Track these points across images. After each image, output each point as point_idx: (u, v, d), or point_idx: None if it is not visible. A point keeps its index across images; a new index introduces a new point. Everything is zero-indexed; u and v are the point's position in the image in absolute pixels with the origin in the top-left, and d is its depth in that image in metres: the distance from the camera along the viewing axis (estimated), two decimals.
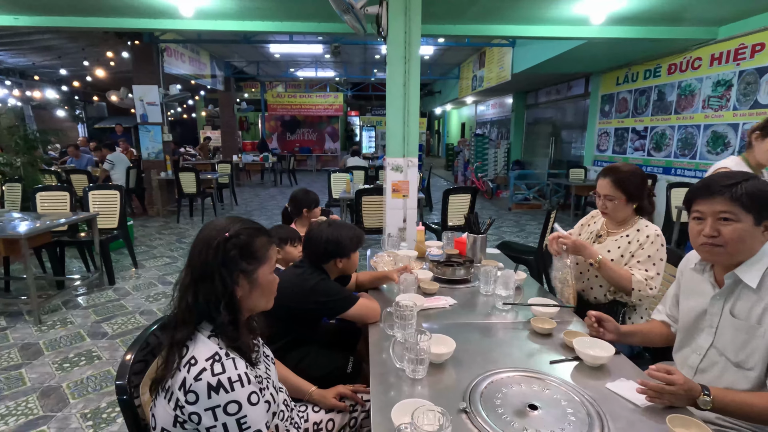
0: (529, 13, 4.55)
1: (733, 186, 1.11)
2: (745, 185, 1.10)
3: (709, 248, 1.16)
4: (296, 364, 1.51)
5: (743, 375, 1.15)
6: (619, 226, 1.84)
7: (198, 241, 0.96)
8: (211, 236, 0.95)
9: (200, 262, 0.93)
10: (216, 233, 0.95)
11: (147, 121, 7.22)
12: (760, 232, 1.12)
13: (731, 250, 1.13)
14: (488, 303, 1.79)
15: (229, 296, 0.93)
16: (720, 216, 1.12)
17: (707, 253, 1.20)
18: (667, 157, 6.04)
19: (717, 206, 1.13)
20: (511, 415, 1.05)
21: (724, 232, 1.12)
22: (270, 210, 8.04)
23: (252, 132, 17.61)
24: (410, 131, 3.30)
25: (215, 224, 0.99)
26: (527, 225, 6.85)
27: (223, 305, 0.91)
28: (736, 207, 1.10)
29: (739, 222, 1.11)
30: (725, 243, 1.13)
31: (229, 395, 0.85)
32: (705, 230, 1.15)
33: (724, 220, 1.12)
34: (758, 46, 4.56)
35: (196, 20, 4.82)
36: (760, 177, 1.15)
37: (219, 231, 0.95)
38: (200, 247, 0.95)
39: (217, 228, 0.97)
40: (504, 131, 12.46)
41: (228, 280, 0.92)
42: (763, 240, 1.13)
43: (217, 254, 0.93)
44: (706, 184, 1.17)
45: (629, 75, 6.79)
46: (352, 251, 1.64)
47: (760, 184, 1.11)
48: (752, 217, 1.10)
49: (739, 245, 1.12)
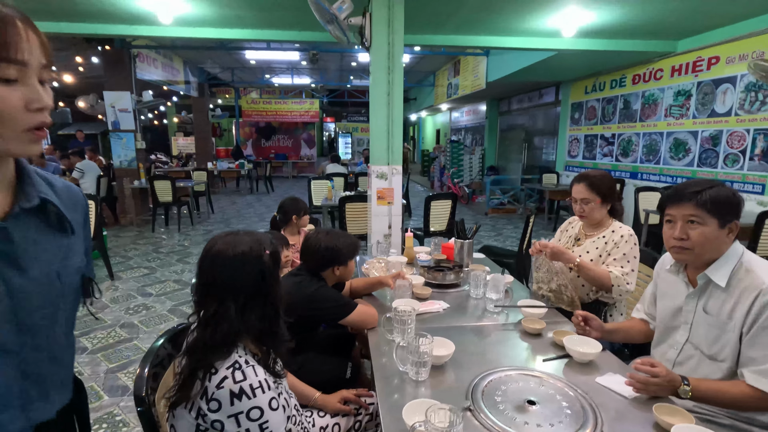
0: (505, 25, 4.73)
1: (699, 192, 1.22)
2: (710, 192, 1.21)
3: (679, 250, 1.28)
4: (297, 371, 1.54)
5: (717, 366, 1.26)
6: (595, 229, 1.97)
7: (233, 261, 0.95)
8: (252, 256, 0.96)
9: (251, 282, 0.95)
10: (255, 252, 0.96)
11: (119, 128, 7.02)
12: (724, 234, 1.24)
13: (698, 251, 1.25)
14: (479, 306, 1.86)
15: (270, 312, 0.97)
16: (688, 219, 1.24)
17: (677, 254, 1.31)
18: (633, 162, 6.36)
19: (685, 211, 1.24)
20: (512, 410, 1.12)
21: (692, 235, 1.24)
22: (248, 218, 7.94)
23: (225, 138, 17.31)
24: (394, 140, 3.37)
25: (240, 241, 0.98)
26: (504, 229, 7.04)
27: (279, 316, 0.95)
28: (701, 211, 1.22)
29: (705, 225, 1.22)
30: (693, 246, 1.24)
31: (251, 401, 0.88)
32: (675, 233, 1.27)
33: (691, 223, 1.24)
34: (714, 59, 4.90)
35: (175, 27, 4.76)
36: (725, 184, 1.27)
37: (255, 249, 0.97)
38: (244, 268, 0.95)
39: (249, 245, 0.97)
40: (478, 137, 12.75)
41: (279, 293, 0.96)
42: (727, 242, 1.25)
43: (267, 271, 0.96)
44: (676, 190, 1.29)
45: (597, 84, 7.12)
46: (350, 259, 1.68)
47: (723, 190, 1.23)
48: (716, 221, 1.21)
49: (706, 246, 1.24)
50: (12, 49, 0.55)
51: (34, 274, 0.61)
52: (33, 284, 0.61)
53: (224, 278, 0.94)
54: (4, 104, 0.55)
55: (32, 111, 0.58)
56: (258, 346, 0.97)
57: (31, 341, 0.60)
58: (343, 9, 3.20)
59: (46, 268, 0.63)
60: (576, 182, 1.95)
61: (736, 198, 1.23)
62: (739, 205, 1.23)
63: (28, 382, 0.61)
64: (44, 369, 0.64)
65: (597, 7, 4.08)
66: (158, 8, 4.06)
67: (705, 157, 5.10)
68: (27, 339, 0.60)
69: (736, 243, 1.27)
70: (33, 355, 0.61)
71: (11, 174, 0.63)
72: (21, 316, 0.59)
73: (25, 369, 0.60)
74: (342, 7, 3.19)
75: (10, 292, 0.58)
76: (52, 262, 0.63)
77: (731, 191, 1.24)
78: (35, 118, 0.58)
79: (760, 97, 4.39)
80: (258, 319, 0.95)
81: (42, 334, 0.62)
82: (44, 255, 0.63)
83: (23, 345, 0.60)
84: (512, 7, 4.14)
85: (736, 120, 4.66)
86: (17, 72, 0.56)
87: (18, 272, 0.59)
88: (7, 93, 0.55)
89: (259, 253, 0.96)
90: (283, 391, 1.05)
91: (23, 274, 0.60)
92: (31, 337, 0.60)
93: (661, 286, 1.49)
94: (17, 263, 0.59)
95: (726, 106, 4.78)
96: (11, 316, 0.58)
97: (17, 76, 0.56)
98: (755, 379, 1.14)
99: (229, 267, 0.94)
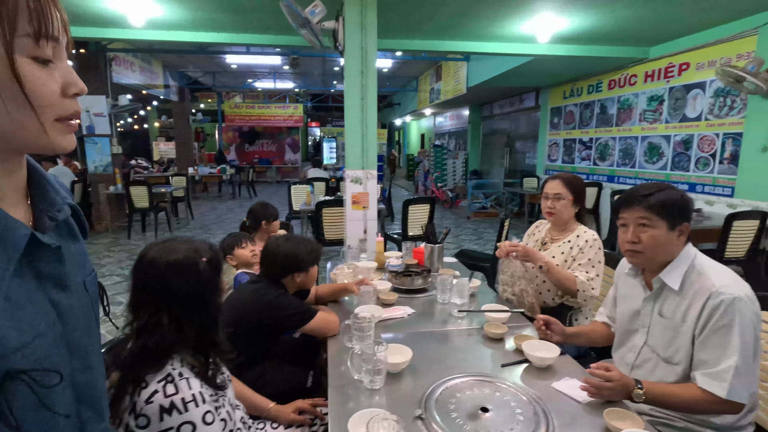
0: (481, 30, 4.77)
1: (648, 196, 1.24)
2: (659, 195, 1.23)
3: (632, 253, 1.29)
4: (255, 380, 1.49)
5: (672, 370, 1.26)
6: (561, 233, 1.97)
7: (165, 270, 0.91)
8: (186, 264, 0.92)
9: (185, 292, 0.90)
10: (190, 260, 0.92)
11: (94, 132, 6.87)
12: (675, 237, 1.24)
13: (649, 254, 1.26)
14: (445, 311, 1.85)
15: (207, 323, 0.93)
16: (639, 222, 1.25)
17: (630, 258, 1.32)
18: (610, 166, 6.46)
19: (636, 214, 1.26)
20: (464, 418, 1.10)
21: (642, 238, 1.25)
22: (228, 223, 7.83)
23: (209, 143, 17.11)
24: (368, 144, 3.35)
25: (175, 248, 0.95)
26: (485, 233, 7.07)
27: (218, 326, 0.91)
28: (651, 214, 1.23)
29: (655, 228, 1.23)
30: (644, 249, 1.26)
31: (182, 416, 0.84)
32: (627, 236, 1.28)
33: (642, 226, 1.25)
34: (684, 65, 5.02)
35: (148, 30, 4.68)
36: (675, 187, 1.28)
37: (190, 257, 0.92)
38: (177, 277, 0.91)
39: (183, 254, 0.93)
40: (462, 142, 12.84)
41: (219, 303, 0.93)
42: (678, 244, 1.26)
43: (203, 280, 0.92)
44: (627, 194, 1.31)
45: (575, 89, 7.23)
46: (310, 266, 1.65)
47: (672, 193, 1.24)
48: (666, 223, 1.23)
49: (657, 249, 1.25)
50: (50, 21, 0.46)
51: (72, 290, 0.55)
52: (74, 300, 0.55)
53: (157, 287, 0.90)
54: (43, 89, 0.46)
55: (68, 97, 0.50)
56: (195, 358, 0.93)
57: (80, 362, 0.55)
58: (315, 13, 3.19)
59: (79, 281, 0.57)
60: (551, 179, 2.00)
61: (685, 200, 1.24)
62: (688, 207, 1.25)
63: (83, 404, 0.56)
64: (95, 388, 0.59)
65: (570, 14, 4.14)
66: (128, 10, 3.98)
67: (678, 161, 5.20)
68: (76, 361, 0.55)
69: (689, 246, 1.28)
70: (83, 377, 0.56)
71: (25, 177, 0.54)
72: (69, 338, 0.53)
73: (79, 392, 0.55)
74: (314, 11, 3.18)
75: (60, 315, 0.52)
76: (78, 273, 0.58)
77: (680, 194, 1.25)
78: (71, 105, 0.50)
79: (728, 102, 4.50)
80: (194, 330, 0.91)
81: (87, 353, 0.57)
82: (76, 267, 0.57)
83: (74, 368, 0.54)
84: (487, 13, 4.18)
85: (706, 124, 4.77)
86: (52, 51, 0.48)
87: (65, 292, 0.53)
88: (45, 75, 0.47)
89: (194, 261, 0.92)
90: (225, 404, 1.01)
91: (68, 295, 0.54)
92: (79, 358, 0.55)
93: (621, 290, 1.49)
94: (64, 283, 0.53)
95: (696, 111, 4.89)
96: (63, 341, 0.52)
97: (52, 56, 0.48)
98: (706, 381, 1.14)
99: (161, 276, 0.91)
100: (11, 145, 0.48)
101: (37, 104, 0.46)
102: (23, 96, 0.45)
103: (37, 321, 0.48)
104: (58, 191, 0.56)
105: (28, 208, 0.54)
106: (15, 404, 0.45)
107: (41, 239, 0.50)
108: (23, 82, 0.45)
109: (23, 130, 0.47)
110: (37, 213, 0.54)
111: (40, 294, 0.50)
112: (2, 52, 0.44)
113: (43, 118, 0.47)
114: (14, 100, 0.45)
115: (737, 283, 1.16)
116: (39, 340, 0.48)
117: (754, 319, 1.13)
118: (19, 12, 0.44)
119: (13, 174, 0.51)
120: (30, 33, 0.45)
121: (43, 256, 0.51)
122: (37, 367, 0.47)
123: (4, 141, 0.47)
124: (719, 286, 1.14)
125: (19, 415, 0.45)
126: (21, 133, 0.47)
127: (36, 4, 0.45)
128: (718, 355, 1.13)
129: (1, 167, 0.49)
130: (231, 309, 1.34)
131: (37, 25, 0.45)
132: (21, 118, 0.46)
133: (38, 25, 0.45)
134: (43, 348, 0.48)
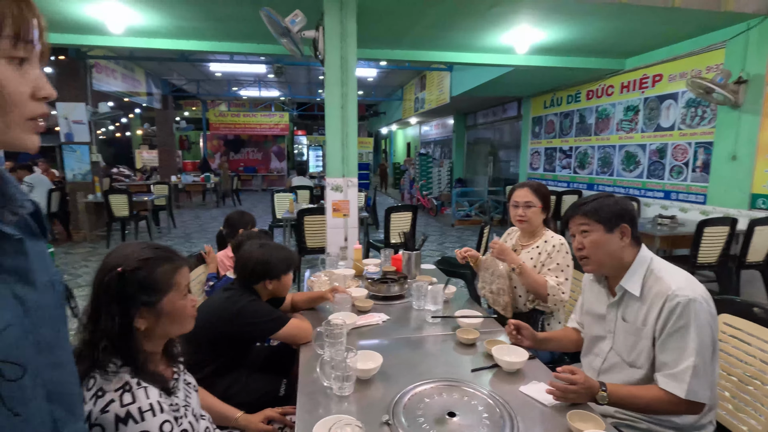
0: (462, 41, 4.86)
1: (584, 204, 1.35)
2: (593, 203, 1.33)
3: (581, 259, 1.36)
4: (225, 390, 1.48)
5: (636, 373, 1.29)
6: (530, 239, 2.01)
7: (96, 274, 0.93)
8: (105, 270, 0.92)
9: (92, 299, 0.91)
10: (110, 267, 0.92)
11: (72, 140, 6.76)
12: (617, 239, 1.30)
13: (594, 258, 1.32)
14: (420, 317, 1.86)
15: (121, 333, 0.90)
16: (581, 230, 1.34)
17: (583, 265, 1.38)
18: (590, 174, 6.59)
19: (577, 222, 1.36)
20: (431, 423, 1.10)
21: (585, 243, 1.33)
22: (211, 232, 7.73)
23: (194, 151, 16.95)
24: (349, 152, 3.37)
25: (116, 254, 0.96)
26: (469, 240, 7.12)
27: (112, 344, 0.88)
28: (588, 219, 1.32)
29: (593, 232, 1.32)
30: (589, 254, 1.33)
31: (138, 425, 0.83)
32: (574, 244, 1.36)
33: (584, 232, 1.33)
34: (657, 76, 5.18)
35: (128, 37, 4.65)
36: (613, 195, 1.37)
37: (114, 265, 0.92)
38: (95, 282, 0.92)
39: (114, 260, 0.94)
40: (447, 150, 12.97)
41: (118, 318, 0.90)
42: (625, 247, 1.31)
43: (108, 291, 0.90)
44: (569, 207, 1.41)
45: (554, 99, 7.39)
46: (283, 273, 1.64)
47: (605, 200, 1.34)
48: (602, 226, 1.30)
49: (600, 252, 1.31)
50: (24, 26, 0.49)
51: (39, 288, 0.55)
52: (41, 297, 0.55)
53: (93, 287, 0.94)
54: (13, 88, 0.49)
55: (37, 99, 0.52)
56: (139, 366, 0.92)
57: (48, 360, 0.55)
58: (295, 22, 3.21)
59: (46, 278, 0.57)
60: (519, 188, 2.03)
61: (617, 205, 1.32)
62: (622, 210, 1.31)
63: (55, 403, 0.55)
64: (66, 386, 0.59)
65: (546, 26, 4.25)
66: (107, 17, 3.95)
67: (653, 169, 5.34)
68: (44, 358, 0.54)
69: (643, 250, 1.32)
70: (54, 374, 0.56)
71: None
72: (36, 334, 0.53)
73: (50, 389, 0.55)
74: (294, 21, 3.20)
75: (27, 311, 0.52)
76: (44, 272, 0.57)
77: (614, 200, 1.34)
78: (39, 107, 0.53)
79: (699, 112, 4.65)
80: (99, 340, 0.89)
81: (56, 350, 0.57)
82: (41, 265, 0.57)
83: (44, 365, 0.54)
84: (466, 24, 4.26)
85: (679, 134, 4.92)
86: (25, 54, 0.50)
87: (30, 288, 0.53)
88: (17, 76, 0.50)
89: (109, 267, 0.92)
90: (187, 413, 1.00)
91: (34, 289, 0.54)
92: (47, 355, 0.55)
93: (588, 296, 1.52)
94: (29, 278, 0.53)
95: (670, 121, 5.04)
96: (30, 337, 0.52)
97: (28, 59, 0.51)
98: (666, 382, 1.17)
99: (96, 276, 0.94)
100: None
101: (7, 101, 0.49)
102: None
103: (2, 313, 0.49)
104: (18, 188, 0.57)
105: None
106: None
107: (3, 229, 0.50)
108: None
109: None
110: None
111: (2, 287, 0.50)
112: None
113: (10, 117, 0.50)
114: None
115: (692, 284, 1.20)
116: (6, 332, 0.48)
117: (710, 320, 1.16)
118: (3, 17, 0.47)
119: None
120: (9, 35, 0.48)
121: (6, 247, 0.51)
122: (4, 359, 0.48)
123: None
124: (675, 289, 1.18)
125: None
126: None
127: (18, 12, 0.48)
128: (676, 356, 1.16)
129: None
130: (203, 315, 1.33)
131: (16, 29, 0.48)
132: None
133: (17, 29, 0.48)
134: (9, 340, 0.49)
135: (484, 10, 3.82)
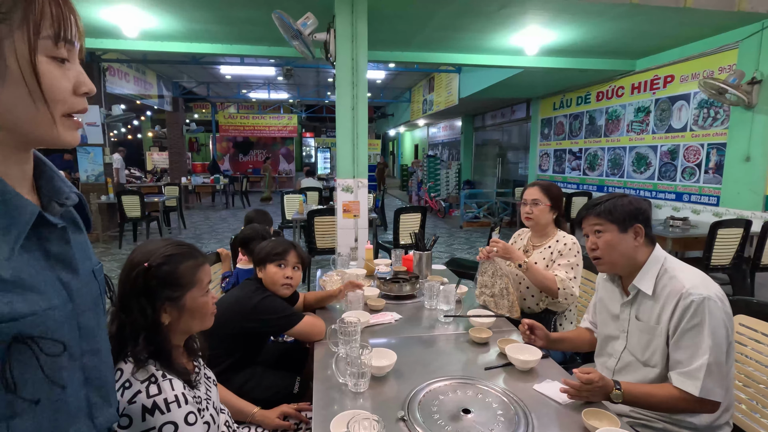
0: (470, 42, 4.86)
1: (597, 205, 1.35)
2: (606, 204, 1.34)
3: (595, 260, 1.37)
4: (241, 386, 1.50)
5: (650, 372, 1.29)
6: (541, 239, 2.01)
7: (122, 270, 0.96)
8: (132, 266, 0.95)
9: (120, 294, 0.94)
10: (137, 263, 0.95)
11: (86, 142, 6.87)
12: (631, 239, 1.31)
13: (608, 258, 1.33)
14: (432, 316, 1.87)
15: (150, 327, 0.93)
16: (594, 230, 1.35)
17: (597, 265, 1.39)
18: (600, 176, 6.55)
19: (590, 222, 1.36)
20: (446, 420, 1.12)
21: (599, 244, 1.34)
22: (221, 233, 7.81)
23: (203, 153, 17.11)
24: (359, 153, 3.40)
25: (141, 250, 0.99)
26: (477, 242, 7.10)
27: (143, 337, 0.91)
28: (602, 220, 1.33)
29: (607, 232, 1.32)
30: (602, 254, 1.33)
31: (164, 416, 0.85)
32: (587, 244, 1.36)
33: (597, 232, 1.34)
34: (669, 77, 5.14)
35: (142, 41, 4.73)
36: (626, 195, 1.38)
37: (140, 261, 0.95)
38: (122, 277, 0.95)
39: (140, 256, 0.97)
40: (455, 152, 12.95)
41: (149, 311, 0.92)
42: (639, 247, 1.31)
43: (136, 286, 0.93)
44: (582, 208, 1.41)
45: (564, 101, 7.36)
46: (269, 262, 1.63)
47: (619, 200, 1.34)
48: (616, 227, 1.31)
49: (614, 252, 1.32)
50: (68, 26, 0.52)
51: (81, 275, 0.59)
52: (84, 285, 0.59)
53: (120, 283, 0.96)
54: (58, 85, 0.52)
55: (78, 95, 0.55)
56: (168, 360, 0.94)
57: (88, 345, 0.59)
58: (307, 25, 3.25)
59: (88, 267, 0.61)
60: (529, 187, 2.06)
61: (631, 205, 1.32)
62: (634, 210, 1.31)
63: (91, 388, 0.59)
64: (103, 373, 0.62)
65: (556, 27, 4.24)
66: (122, 21, 4.03)
67: (665, 171, 5.29)
68: (85, 344, 0.58)
69: (657, 250, 1.32)
70: (92, 360, 0.59)
71: (31, 170, 0.59)
72: (79, 319, 0.57)
73: (88, 375, 0.58)
74: (306, 23, 3.24)
75: (70, 295, 0.56)
76: (86, 261, 0.61)
77: (628, 199, 1.34)
78: (80, 103, 0.56)
79: (711, 113, 4.61)
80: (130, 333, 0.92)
81: (95, 337, 0.61)
82: (83, 254, 0.61)
83: (84, 350, 0.58)
84: (475, 26, 4.27)
85: (691, 135, 4.88)
86: (68, 53, 0.53)
87: (74, 275, 0.57)
88: (61, 73, 0.52)
89: (136, 263, 0.95)
90: (209, 407, 1.02)
91: (78, 278, 0.58)
92: (88, 341, 0.59)
93: (601, 295, 1.52)
94: (72, 265, 0.57)
95: (682, 122, 5.00)
96: (74, 321, 0.56)
97: (68, 57, 0.53)
98: (680, 380, 1.17)
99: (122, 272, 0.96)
100: (24, 138, 0.53)
101: (50, 98, 0.52)
102: (39, 91, 0.50)
103: (49, 294, 0.52)
104: (65, 181, 0.61)
105: (35, 196, 0.59)
106: (18, 367, 0.48)
107: (48, 218, 0.54)
108: (41, 79, 0.50)
109: (35, 123, 0.52)
110: (44, 201, 0.59)
111: (49, 273, 0.54)
112: (26, 51, 0.49)
113: (54, 112, 0.53)
114: (31, 95, 0.50)
115: (706, 283, 1.20)
116: (52, 312, 0.52)
117: (724, 318, 1.16)
118: (44, 17, 0.50)
119: (23, 165, 0.56)
120: (50, 35, 0.51)
121: (51, 235, 0.55)
122: (45, 336, 0.51)
123: (19, 133, 0.52)
124: (689, 288, 1.18)
125: (19, 379, 0.48)
126: (33, 126, 0.52)
127: (58, 11, 0.51)
128: (690, 354, 1.16)
129: (15, 158, 0.54)
130: (219, 311, 1.35)
131: (57, 29, 0.51)
132: (35, 111, 0.51)
133: (58, 29, 0.51)
134: (55, 320, 0.52)
135: (493, 11, 3.83)
